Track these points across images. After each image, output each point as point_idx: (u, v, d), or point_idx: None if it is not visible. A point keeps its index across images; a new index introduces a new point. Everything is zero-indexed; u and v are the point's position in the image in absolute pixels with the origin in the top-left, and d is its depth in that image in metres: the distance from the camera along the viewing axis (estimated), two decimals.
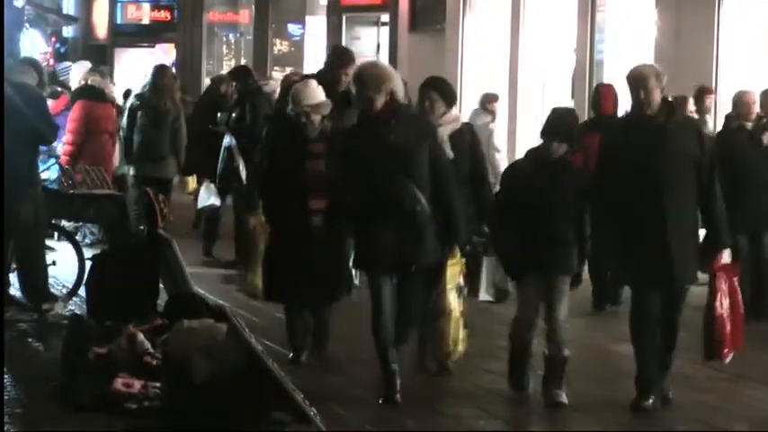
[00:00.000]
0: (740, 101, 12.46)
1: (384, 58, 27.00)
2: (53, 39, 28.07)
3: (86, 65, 21.04)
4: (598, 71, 21.11)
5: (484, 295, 12.43)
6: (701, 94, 15.66)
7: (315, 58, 29.59)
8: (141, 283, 10.64)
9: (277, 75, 26.22)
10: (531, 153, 9.43)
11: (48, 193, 13.16)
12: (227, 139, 15.53)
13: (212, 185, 15.92)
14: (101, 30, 36.09)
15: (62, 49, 30.28)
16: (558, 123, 9.34)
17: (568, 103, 19.53)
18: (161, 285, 10.95)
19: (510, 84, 22.75)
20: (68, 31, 32.32)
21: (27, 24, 17.93)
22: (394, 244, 8.90)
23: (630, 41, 20.69)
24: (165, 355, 8.90)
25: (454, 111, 10.15)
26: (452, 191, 9.05)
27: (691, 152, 8.85)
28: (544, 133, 9.21)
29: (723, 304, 8.89)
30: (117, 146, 17.03)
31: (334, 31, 28.93)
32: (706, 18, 18.63)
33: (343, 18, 28.62)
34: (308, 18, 30.72)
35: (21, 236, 11.85)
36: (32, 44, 22.78)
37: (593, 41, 21.44)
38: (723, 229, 8.98)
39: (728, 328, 8.93)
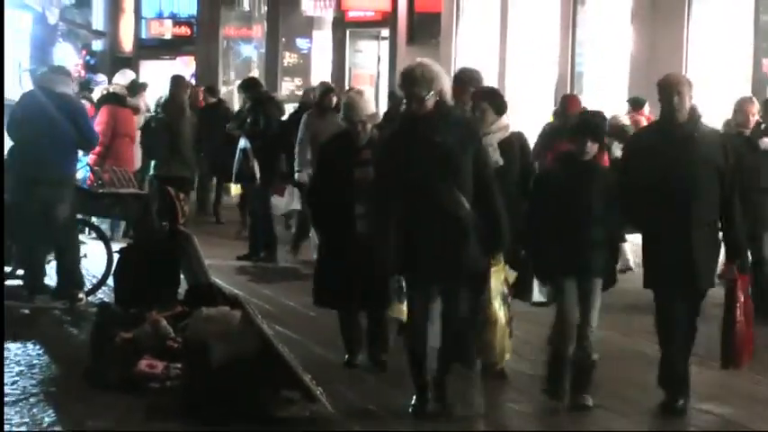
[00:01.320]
0: (740, 108, 11.91)
1: (384, 70, 27.05)
2: (84, 52, 28.07)
3: (131, 74, 21.16)
4: (578, 82, 21.13)
5: (537, 296, 11.31)
6: None
7: (321, 69, 29.69)
8: (163, 274, 10.63)
9: (287, 84, 26.23)
10: (564, 156, 8.89)
11: (79, 192, 13.17)
12: (243, 143, 15.54)
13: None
14: (127, 44, 36.09)
15: (92, 61, 30.25)
16: (592, 123, 8.74)
17: (550, 110, 19.48)
18: (181, 276, 10.94)
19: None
20: (97, 45, 32.32)
21: (60, 38, 17.92)
22: (437, 249, 7.89)
23: (608, 55, 20.69)
24: (185, 340, 8.89)
25: (504, 119, 9.46)
26: (496, 195, 8.02)
27: (716, 161, 8.28)
28: (579, 133, 8.53)
29: (741, 313, 8.35)
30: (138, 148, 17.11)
31: (338, 44, 28.93)
32: (676, 34, 18.63)
33: (347, 33, 28.63)
34: (314, 33, 30.71)
35: (59, 232, 11.86)
36: (65, 56, 22.75)
37: (574, 55, 21.44)
38: (742, 239, 8.56)
39: (746, 336, 8.42)
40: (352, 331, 9.57)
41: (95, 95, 17.76)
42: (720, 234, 8.52)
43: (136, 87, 19.12)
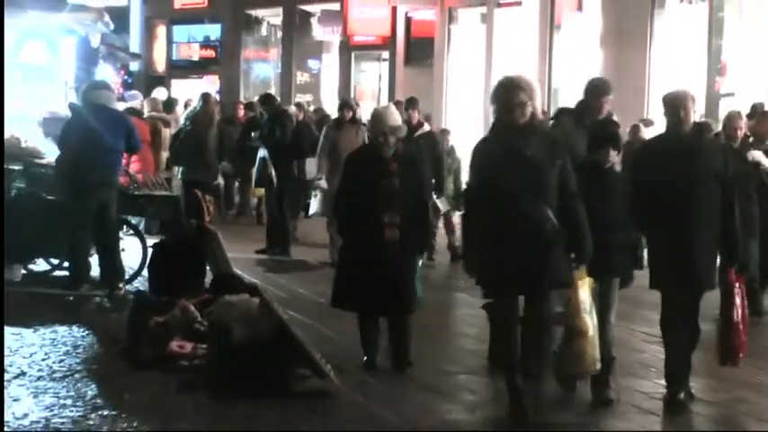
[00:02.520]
0: (729, 122, 11.49)
1: (384, 87, 27.06)
2: (122, 71, 28.01)
3: (164, 91, 21.23)
4: (554, 98, 21.16)
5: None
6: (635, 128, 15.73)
7: (329, 87, 29.70)
8: (191, 266, 10.63)
9: (300, 100, 26.21)
10: (586, 164, 7.97)
11: (118, 194, 13.17)
12: (262, 152, 15.58)
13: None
14: (160, 64, 36.07)
15: (129, 80, 30.18)
16: (610, 131, 8.27)
17: None
18: (207, 268, 10.94)
19: (484, 108, 22.73)
20: (134, 66, 32.26)
21: (101, 60, 17.90)
22: (522, 262, 7.15)
23: (580, 74, 20.67)
24: (210, 323, 8.89)
25: None
26: (580, 209, 7.30)
27: (717, 170, 7.88)
28: (601, 142, 8.00)
29: (738, 313, 8.02)
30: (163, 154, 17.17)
31: (344, 65, 28.96)
32: (639, 57, 18.67)
33: (352, 55, 28.66)
34: (324, 55, 30.72)
35: (107, 229, 11.87)
36: (106, 75, 22.75)
37: (550, 74, 21.49)
38: (740, 243, 8.05)
39: (743, 334, 8.07)
40: (372, 334, 8.91)
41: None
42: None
43: (171, 103, 19.16)
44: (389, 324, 8.85)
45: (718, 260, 8.29)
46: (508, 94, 7.26)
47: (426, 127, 14.40)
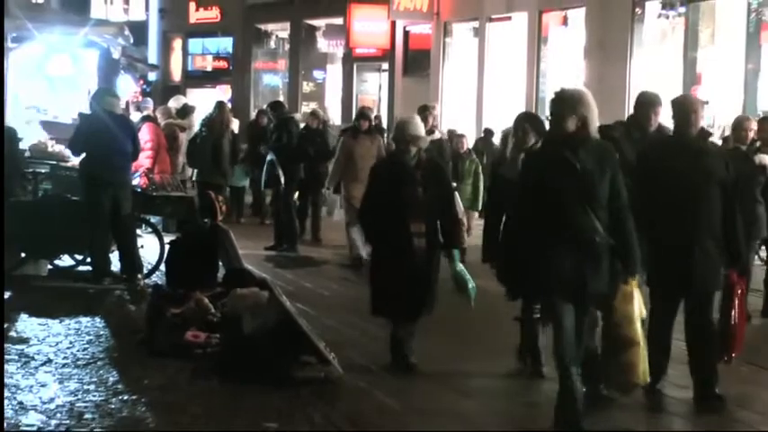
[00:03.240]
0: (739, 126, 10.88)
1: (384, 96, 27.07)
2: (141, 81, 27.99)
3: (183, 99, 21.21)
4: (541, 105, 21.13)
5: None
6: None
7: (333, 96, 29.71)
8: (205, 262, 10.61)
9: (305, 108, 26.22)
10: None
11: (137, 195, 13.18)
12: (270, 156, 15.60)
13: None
14: (176, 74, 36.11)
15: (147, 89, 30.18)
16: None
17: None
18: (220, 263, 10.94)
19: (476, 115, 22.79)
20: (152, 76, 32.26)
21: (122, 71, 17.92)
22: (572, 272, 6.66)
23: (565, 84, 20.67)
24: (222, 314, 8.91)
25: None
26: (628, 221, 6.79)
27: (721, 174, 7.52)
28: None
29: (736, 314, 7.66)
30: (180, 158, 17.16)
31: (347, 75, 28.96)
32: (620, 67, 18.66)
33: (354, 66, 28.65)
34: (328, 66, 30.74)
35: (123, 224, 11.89)
36: (126, 85, 22.73)
37: (538, 83, 21.49)
38: (742, 245, 7.69)
39: (738, 336, 7.72)
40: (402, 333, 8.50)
41: (136, 118, 17.88)
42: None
43: (187, 110, 19.16)
44: (403, 326, 8.46)
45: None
46: (560, 106, 6.83)
47: (437, 134, 13.87)
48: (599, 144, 6.91)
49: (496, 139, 17.78)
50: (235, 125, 19.31)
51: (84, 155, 11.96)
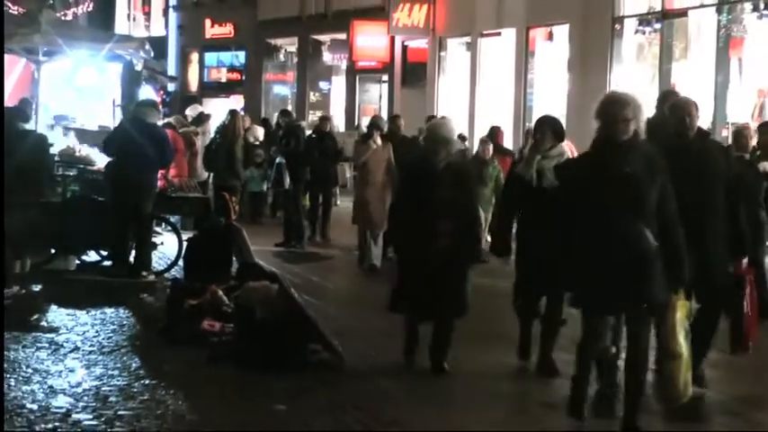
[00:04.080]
0: (739, 134, 10.36)
1: (384, 104, 27.06)
2: (161, 92, 27.98)
3: (199, 108, 21.24)
4: (528, 114, 21.15)
5: None
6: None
7: (337, 105, 29.69)
8: (220, 257, 10.63)
9: (312, 116, 26.25)
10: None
11: (157, 195, 13.18)
12: (278, 159, 15.65)
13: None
14: (193, 85, 36.08)
15: (167, 99, 30.17)
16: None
17: (509, 137, 19.47)
18: (233, 258, 10.95)
19: (469, 124, 22.77)
20: (171, 87, 32.24)
21: (144, 82, 17.92)
22: (617, 281, 6.03)
23: (550, 96, 20.72)
24: (236, 306, 8.90)
25: (563, 145, 8.00)
26: (677, 229, 6.12)
27: (721, 171, 7.05)
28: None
29: (748, 304, 7.21)
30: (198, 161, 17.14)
31: (350, 86, 28.95)
32: (601, 80, 18.65)
33: (357, 77, 28.64)
34: (333, 78, 30.72)
35: (140, 225, 11.89)
36: (147, 95, 22.79)
37: (526, 94, 21.48)
38: (747, 236, 7.17)
39: (752, 324, 7.29)
40: (415, 335, 8.14)
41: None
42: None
43: (202, 118, 19.16)
44: (434, 327, 7.99)
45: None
46: (612, 110, 6.13)
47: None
48: (648, 150, 6.22)
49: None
50: (260, 132, 19.27)
51: (113, 158, 12.00)
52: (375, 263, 12.81)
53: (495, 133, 15.87)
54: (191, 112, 20.00)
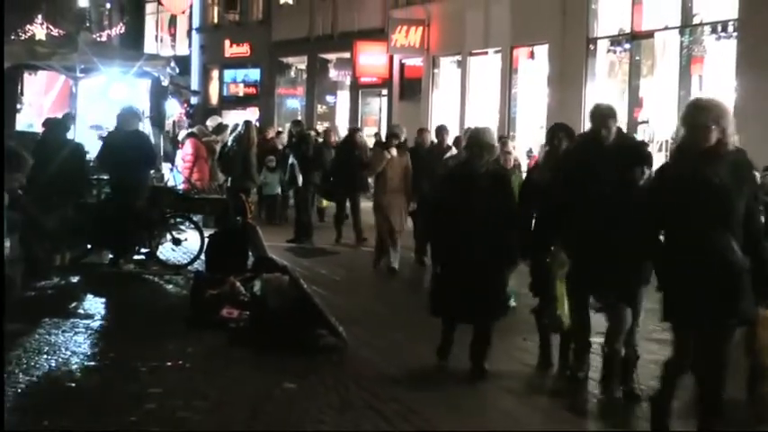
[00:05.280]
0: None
1: (384, 117, 27.05)
2: (185, 104, 28.01)
3: (218, 118, 21.23)
4: (512, 124, 21.17)
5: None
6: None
7: (342, 116, 29.69)
8: (237, 252, 10.65)
9: (319, 126, 26.24)
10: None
11: (182, 197, 13.20)
12: (291, 160, 15.72)
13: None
14: (214, 99, 36.04)
15: (190, 111, 30.20)
16: (645, 152, 6.58)
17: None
18: (249, 253, 10.96)
19: (460, 132, 22.75)
20: (194, 100, 32.28)
21: (170, 96, 17.93)
22: (704, 295, 5.18)
23: (532, 107, 20.72)
24: (252, 295, 8.93)
25: None
26: (763, 241, 5.27)
27: (740, 180, 5.32)
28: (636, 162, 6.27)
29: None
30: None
31: (353, 99, 28.96)
32: (577, 94, 18.66)
33: (359, 92, 28.64)
34: (338, 92, 30.70)
35: (133, 217, 11.85)
36: (173, 108, 22.78)
37: (510, 106, 21.47)
38: (762, 238, 5.55)
39: None
40: (450, 338, 7.56)
41: (182, 134, 17.90)
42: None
43: (221, 128, 19.16)
44: (475, 330, 7.40)
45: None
46: (699, 116, 5.27)
47: (454, 150, 12.73)
48: (737, 158, 5.36)
49: None
50: (285, 139, 19.12)
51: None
52: (394, 265, 12.22)
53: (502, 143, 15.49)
54: (211, 122, 19.98)
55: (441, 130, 13.41)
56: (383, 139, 14.52)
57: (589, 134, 6.86)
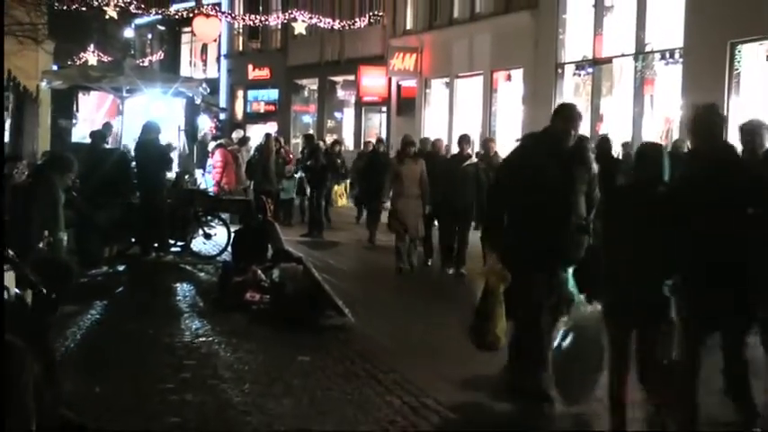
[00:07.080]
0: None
1: (384, 130, 27.01)
2: (214, 119, 28.00)
3: (241, 131, 21.20)
4: (492, 137, 21.10)
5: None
6: None
7: (348, 130, 29.66)
8: (259, 245, 10.61)
9: (328, 138, 26.20)
10: (627, 187, 5.33)
11: (212, 198, 13.18)
12: (299, 174, 15.72)
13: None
14: (239, 115, 36.01)
15: (219, 125, 30.17)
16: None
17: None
18: (269, 246, 10.93)
19: (449, 143, 22.71)
20: (222, 116, 32.26)
21: (201, 112, 17.96)
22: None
23: (510, 122, 20.69)
24: (271, 282, 8.92)
25: None
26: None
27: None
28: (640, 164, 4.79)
29: None
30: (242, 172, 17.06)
31: (357, 116, 28.94)
32: (547, 112, 18.52)
33: (363, 109, 28.63)
34: (345, 109, 30.68)
35: (166, 215, 11.81)
36: (204, 123, 22.80)
37: (490, 121, 21.45)
38: None
39: None
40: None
41: (212, 145, 17.88)
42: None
43: (245, 139, 19.15)
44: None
45: None
46: (753, 136, 4.67)
47: (474, 158, 11.91)
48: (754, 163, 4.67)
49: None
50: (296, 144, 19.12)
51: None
52: (402, 265, 11.40)
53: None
54: (235, 135, 20.00)
55: (462, 140, 12.22)
56: (386, 146, 14.53)
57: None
